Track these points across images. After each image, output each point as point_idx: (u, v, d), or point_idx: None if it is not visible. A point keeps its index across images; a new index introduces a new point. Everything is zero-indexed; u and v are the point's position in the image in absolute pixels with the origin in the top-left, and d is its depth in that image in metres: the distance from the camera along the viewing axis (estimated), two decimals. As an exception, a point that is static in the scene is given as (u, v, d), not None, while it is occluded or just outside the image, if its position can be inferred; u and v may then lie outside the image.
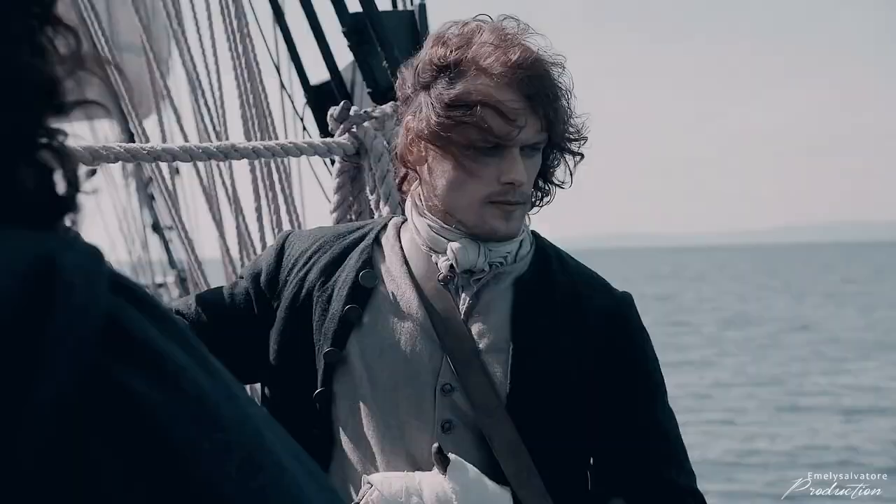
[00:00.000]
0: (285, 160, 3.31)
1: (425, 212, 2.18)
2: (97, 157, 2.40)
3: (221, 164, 3.35)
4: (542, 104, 2.09)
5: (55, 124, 0.71)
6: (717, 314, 47.28)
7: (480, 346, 2.11)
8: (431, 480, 2.02)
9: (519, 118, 2.07)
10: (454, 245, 2.14)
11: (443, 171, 2.13)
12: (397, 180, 2.35)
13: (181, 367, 0.69)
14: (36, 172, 0.70)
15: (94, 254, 0.70)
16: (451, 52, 2.12)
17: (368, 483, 2.04)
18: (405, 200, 2.27)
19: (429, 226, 2.17)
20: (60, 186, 0.71)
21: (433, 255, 2.17)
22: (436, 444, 2.03)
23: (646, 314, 2.39)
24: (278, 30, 3.85)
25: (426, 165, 2.16)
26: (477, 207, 2.11)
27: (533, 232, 2.26)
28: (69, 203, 0.72)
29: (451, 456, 2.03)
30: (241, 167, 3.28)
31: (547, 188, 2.22)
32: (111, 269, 0.70)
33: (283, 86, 4.16)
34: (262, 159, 3.00)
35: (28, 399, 0.64)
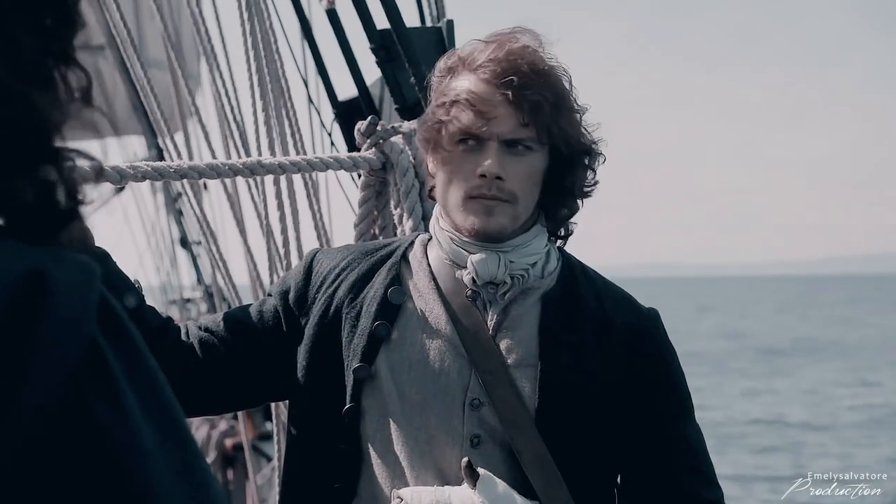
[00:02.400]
0: (313, 175, 3.32)
1: (444, 224, 2.19)
2: (125, 176, 2.41)
3: (249, 179, 3.36)
4: (521, 96, 2.09)
5: (62, 143, 0.75)
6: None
7: (509, 361, 2.11)
8: (461, 494, 2.03)
9: (488, 107, 2.10)
10: (474, 258, 2.15)
11: (440, 174, 2.17)
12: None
13: (130, 405, 0.73)
14: (36, 188, 0.74)
15: (86, 270, 0.73)
16: (451, 59, 2.19)
17: (399, 497, 2.05)
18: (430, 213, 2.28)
19: (450, 238, 2.18)
20: (61, 201, 0.75)
21: (457, 270, 2.17)
22: (465, 459, 2.03)
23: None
24: (307, 46, 3.87)
25: (436, 174, 2.20)
26: (461, 204, 2.14)
27: (559, 248, 2.25)
28: (69, 217, 0.75)
29: (481, 470, 2.03)
30: (269, 181, 3.28)
31: (560, 199, 2.20)
32: (103, 290, 0.73)
33: (311, 101, 4.17)
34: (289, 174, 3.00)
35: (14, 404, 0.67)
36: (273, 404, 3.38)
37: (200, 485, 0.76)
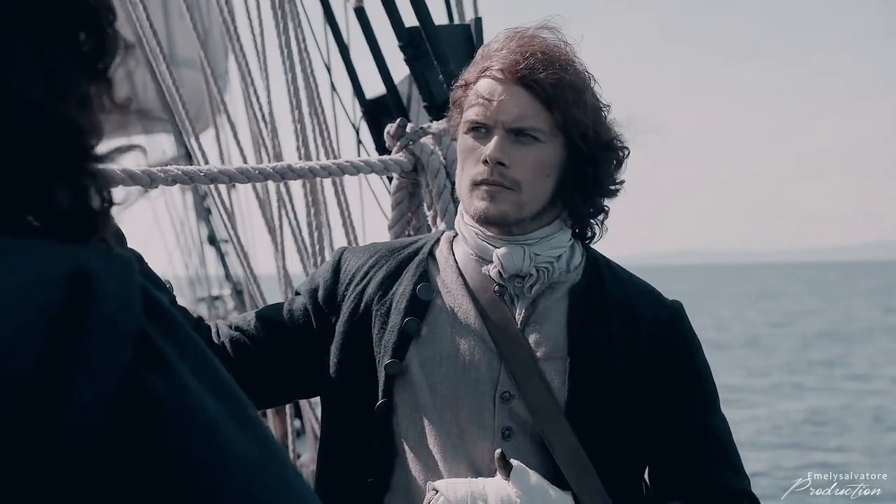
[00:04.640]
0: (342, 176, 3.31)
1: (467, 220, 2.21)
2: (155, 179, 2.41)
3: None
4: (534, 79, 2.11)
5: (96, 152, 0.80)
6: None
7: (537, 354, 2.13)
8: (495, 486, 2.04)
9: (495, 95, 2.12)
10: (499, 251, 2.17)
11: (458, 163, 2.21)
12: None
13: (186, 378, 0.77)
14: (74, 193, 0.78)
15: (125, 263, 0.77)
16: (478, 52, 2.23)
17: (434, 489, 2.06)
18: None
19: (475, 233, 2.20)
20: (96, 205, 0.80)
21: (483, 265, 2.17)
22: (499, 450, 2.06)
23: None
24: (334, 44, 3.86)
25: None
26: (469, 191, 2.16)
27: (582, 243, 2.24)
28: (103, 220, 0.80)
29: (514, 461, 2.06)
30: (297, 182, 3.28)
31: (578, 195, 2.19)
32: (143, 281, 0.77)
33: (338, 99, 4.16)
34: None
35: (72, 401, 0.70)
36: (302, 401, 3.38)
37: (265, 438, 0.80)
